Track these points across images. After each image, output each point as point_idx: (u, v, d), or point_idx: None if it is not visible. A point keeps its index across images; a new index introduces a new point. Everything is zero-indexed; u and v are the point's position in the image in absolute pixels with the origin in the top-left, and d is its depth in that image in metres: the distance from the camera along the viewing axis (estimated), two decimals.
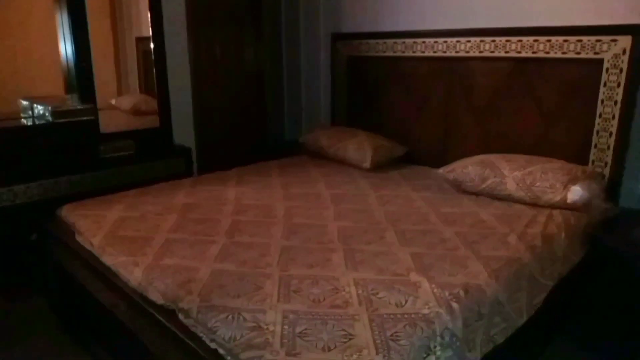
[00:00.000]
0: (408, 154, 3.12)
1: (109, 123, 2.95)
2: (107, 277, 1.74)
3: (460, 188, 2.49)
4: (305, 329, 1.29)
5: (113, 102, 3.27)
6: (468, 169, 2.45)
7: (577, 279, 2.07)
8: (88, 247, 1.94)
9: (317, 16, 3.66)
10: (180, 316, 1.44)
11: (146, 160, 2.97)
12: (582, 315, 2.20)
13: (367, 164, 2.90)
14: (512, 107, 2.67)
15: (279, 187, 2.60)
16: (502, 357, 1.59)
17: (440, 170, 2.57)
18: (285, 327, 1.31)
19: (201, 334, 1.35)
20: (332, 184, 2.66)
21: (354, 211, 2.23)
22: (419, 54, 3.01)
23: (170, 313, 1.47)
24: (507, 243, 1.86)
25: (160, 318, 1.47)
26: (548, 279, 1.84)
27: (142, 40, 3.22)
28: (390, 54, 3.17)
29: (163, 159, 3.06)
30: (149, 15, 3.02)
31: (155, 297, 1.53)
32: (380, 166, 2.94)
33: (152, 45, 3.05)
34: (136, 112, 3.34)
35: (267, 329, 1.30)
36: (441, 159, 2.73)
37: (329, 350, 1.21)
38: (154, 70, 3.08)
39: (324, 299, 1.45)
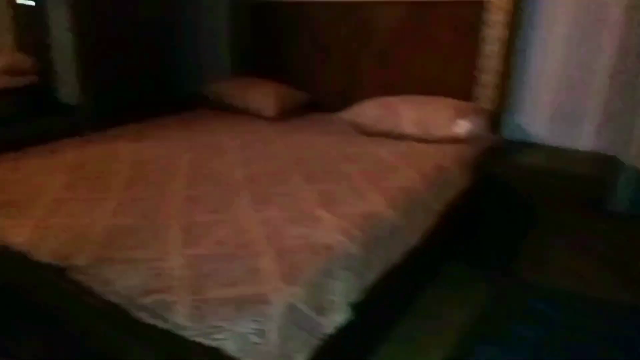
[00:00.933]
0: (313, 101, 3.13)
1: None
2: None
3: (361, 130, 2.56)
4: (210, 270, 1.28)
5: None
6: (367, 111, 2.52)
7: (466, 204, 2.26)
8: None
9: None
10: (72, 274, 1.36)
11: (25, 120, 2.68)
12: (472, 238, 2.43)
13: (271, 112, 2.87)
14: (410, 50, 2.76)
15: (180, 140, 2.50)
16: (399, 276, 1.71)
17: (343, 115, 2.62)
18: (190, 270, 1.29)
19: (98, 289, 1.29)
20: (237, 134, 2.61)
21: (259, 158, 2.22)
22: None
23: (62, 272, 1.38)
24: (403, 175, 1.97)
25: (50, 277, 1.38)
26: (440, 204, 1.99)
27: None
28: None
29: (44, 117, 2.77)
30: None
31: (44, 256, 1.42)
32: (285, 114, 2.93)
33: None
34: (13, 72, 2.99)
35: (170, 274, 1.27)
36: (345, 105, 2.77)
37: (235, 285, 1.22)
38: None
39: (229, 240, 1.44)
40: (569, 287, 1.47)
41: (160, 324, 1.15)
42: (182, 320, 1.12)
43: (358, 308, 1.43)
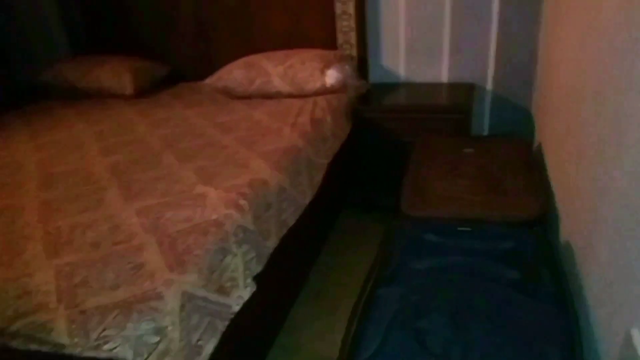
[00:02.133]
0: (173, 73, 2.90)
1: None
2: None
3: (232, 95, 2.45)
4: (85, 277, 1.14)
5: None
6: (234, 73, 2.41)
7: (349, 152, 2.30)
8: None
9: None
10: None
11: None
12: (360, 182, 2.51)
13: (128, 90, 2.61)
14: (261, 2, 2.64)
15: (23, 140, 2.16)
16: (296, 237, 1.70)
17: (207, 81, 2.48)
18: (62, 282, 1.13)
19: None
20: (92, 122, 2.33)
21: (122, 144, 2.01)
22: None
23: None
24: (282, 136, 1.93)
25: None
26: (323, 157, 1.99)
27: None
28: None
29: None
30: None
31: None
32: (144, 90, 2.68)
33: None
34: None
35: (39, 290, 1.10)
36: (207, 70, 2.60)
37: (117, 288, 1.09)
38: None
39: (103, 240, 1.29)
40: (448, 211, 1.58)
41: (40, 347, 1.00)
42: (63, 339, 0.98)
43: (262, 278, 1.39)
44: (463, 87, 2.50)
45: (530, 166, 1.87)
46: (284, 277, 1.76)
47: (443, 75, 2.58)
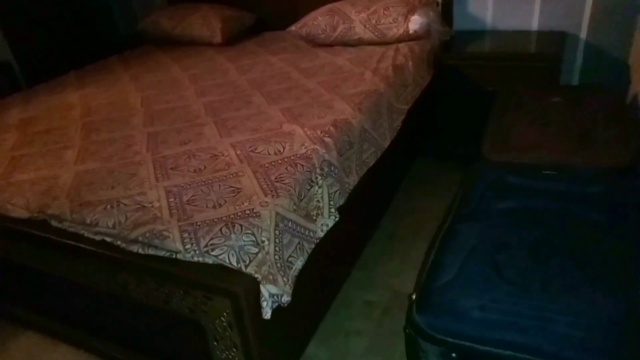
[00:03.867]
0: (260, 20, 2.99)
1: None
2: None
3: (314, 42, 2.50)
4: (192, 196, 1.29)
5: None
6: (318, 20, 2.45)
7: (429, 99, 2.30)
8: None
9: None
10: (54, 222, 1.34)
11: None
12: (439, 131, 2.50)
13: (218, 39, 2.74)
14: None
15: (128, 80, 2.38)
16: (374, 178, 1.77)
17: (292, 28, 2.54)
18: (171, 199, 1.29)
19: (82, 232, 1.29)
20: (187, 66, 2.50)
21: (215, 86, 2.15)
22: None
23: (42, 224, 1.36)
24: (364, 80, 1.97)
25: (34, 231, 1.36)
26: (403, 103, 2.01)
27: None
28: None
29: None
30: None
31: (19, 212, 1.39)
32: (232, 38, 2.81)
33: None
34: None
35: (152, 205, 1.27)
36: (292, 19, 2.66)
37: (220, 206, 1.23)
38: None
39: (205, 168, 1.43)
40: (532, 157, 1.56)
41: (157, 252, 1.17)
42: (177, 245, 1.14)
43: (343, 211, 1.48)
44: (554, 35, 2.36)
45: (623, 117, 1.78)
46: (362, 214, 1.85)
47: (533, 22, 2.45)
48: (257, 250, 1.14)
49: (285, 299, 1.17)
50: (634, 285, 1.02)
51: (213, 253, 1.11)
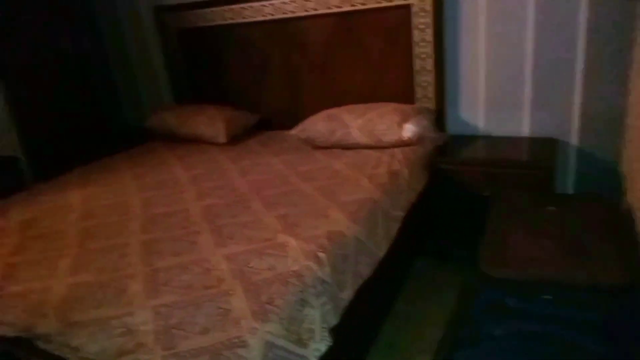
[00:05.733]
0: (262, 120, 3.13)
1: None
2: None
3: (314, 145, 2.59)
4: (180, 319, 1.26)
5: None
6: (317, 125, 2.55)
7: (425, 203, 2.32)
8: None
9: None
10: (40, 343, 1.31)
11: None
12: (435, 233, 2.50)
13: (222, 138, 2.85)
14: (346, 59, 2.80)
15: (130, 180, 2.44)
16: (371, 289, 1.74)
17: (293, 132, 2.64)
18: (159, 322, 1.27)
19: (67, 356, 1.25)
20: (189, 165, 2.57)
21: (215, 188, 2.20)
22: (249, 19, 2.98)
23: (27, 343, 1.33)
24: (360, 186, 2.01)
25: (19, 352, 1.32)
26: (399, 210, 2.03)
27: None
28: (221, 22, 3.09)
29: None
30: None
31: (5, 330, 1.36)
32: (236, 138, 2.92)
33: None
34: None
35: (139, 330, 1.25)
36: (293, 119, 2.80)
37: (207, 332, 1.21)
38: None
39: (196, 283, 1.42)
40: (530, 273, 1.55)
41: None
42: None
43: (337, 330, 1.44)
44: (545, 142, 2.44)
45: (619, 229, 1.78)
46: (358, 329, 1.79)
47: (524, 128, 2.54)
48: None
49: None
50: None
51: None
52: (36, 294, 1.47)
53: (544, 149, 2.36)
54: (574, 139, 2.44)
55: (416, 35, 2.54)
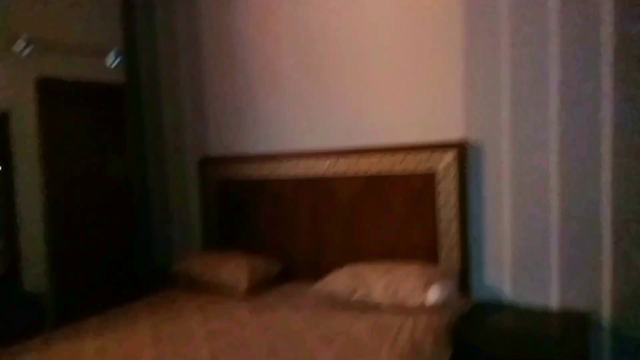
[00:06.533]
0: (284, 269, 3.15)
1: None
2: None
3: (334, 302, 2.55)
4: None
5: None
6: (339, 283, 2.55)
7: None
8: None
9: (184, 140, 3.74)
10: None
11: None
12: None
13: (243, 287, 2.87)
14: (371, 216, 2.90)
15: (147, 329, 2.40)
16: None
17: (315, 287, 2.64)
18: None
19: None
20: (207, 318, 2.54)
21: (229, 347, 2.13)
22: (283, 175, 3.20)
23: None
24: (380, 359, 1.91)
25: None
26: None
27: None
28: (258, 176, 3.31)
29: (7, 309, 2.67)
30: None
31: None
32: (257, 287, 2.92)
33: None
34: None
35: None
36: (316, 271, 2.83)
37: None
38: None
39: None
40: None
41: None
42: None
43: None
44: (575, 318, 2.33)
45: None
46: None
47: (552, 297, 2.45)
48: None
49: None
50: None
51: None
52: None
53: (574, 328, 2.24)
54: (606, 312, 2.32)
55: (441, 199, 2.64)
